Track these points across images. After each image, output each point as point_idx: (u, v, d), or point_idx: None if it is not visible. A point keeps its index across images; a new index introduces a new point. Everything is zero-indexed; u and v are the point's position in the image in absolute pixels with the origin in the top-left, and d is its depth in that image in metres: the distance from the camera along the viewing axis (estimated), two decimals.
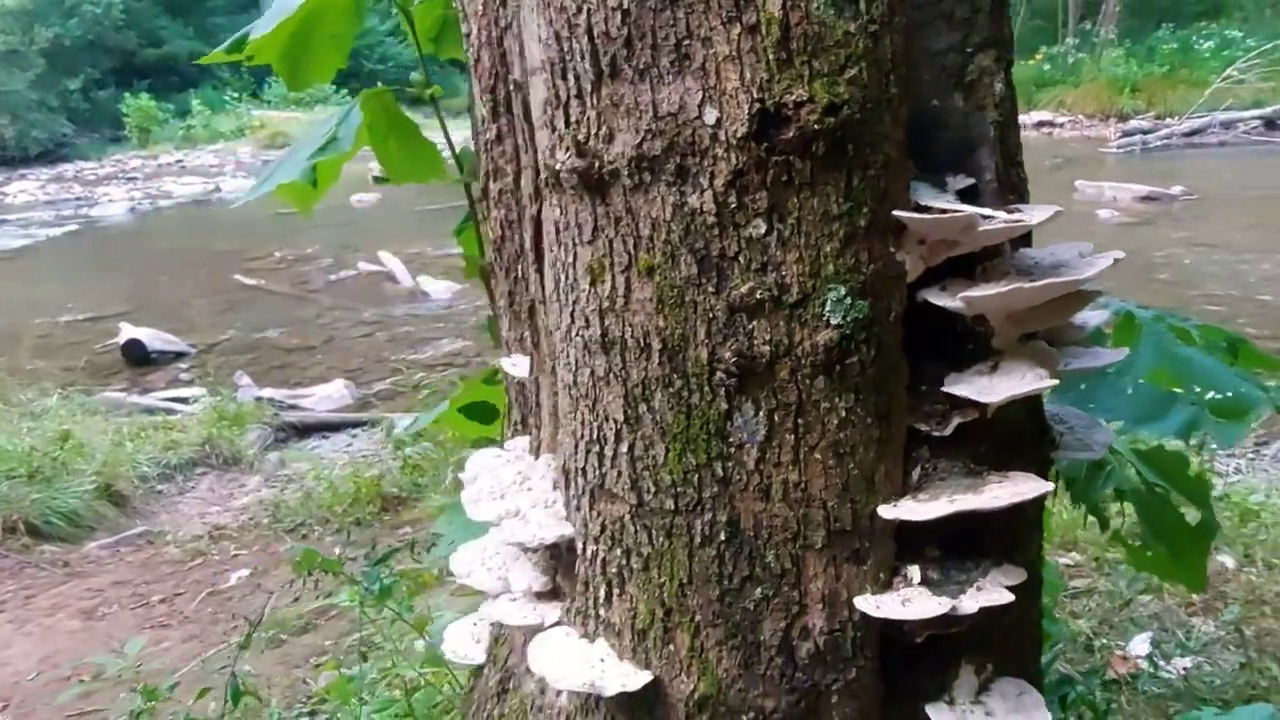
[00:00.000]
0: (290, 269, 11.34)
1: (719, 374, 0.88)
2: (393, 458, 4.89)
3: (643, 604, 0.97)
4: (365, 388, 7.73)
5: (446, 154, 1.98)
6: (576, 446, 1.01)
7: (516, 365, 1.32)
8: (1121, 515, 1.63)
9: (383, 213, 15.19)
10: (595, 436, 0.98)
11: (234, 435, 5.73)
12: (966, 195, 0.93)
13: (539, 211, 1.18)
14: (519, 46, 1.04)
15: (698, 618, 0.94)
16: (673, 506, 0.93)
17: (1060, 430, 1.08)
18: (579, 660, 0.99)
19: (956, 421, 0.92)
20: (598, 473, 0.98)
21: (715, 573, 0.92)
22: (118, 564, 4.20)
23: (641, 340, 0.91)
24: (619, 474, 0.96)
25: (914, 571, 0.92)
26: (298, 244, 12.41)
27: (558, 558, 1.18)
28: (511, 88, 1.14)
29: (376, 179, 2.05)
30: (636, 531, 0.96)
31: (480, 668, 1.44)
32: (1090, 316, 1.03)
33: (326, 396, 7.28)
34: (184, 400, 6.63)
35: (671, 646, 0.96)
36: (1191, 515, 1.53)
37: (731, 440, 0.89)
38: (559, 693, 1.12)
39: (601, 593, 1.00)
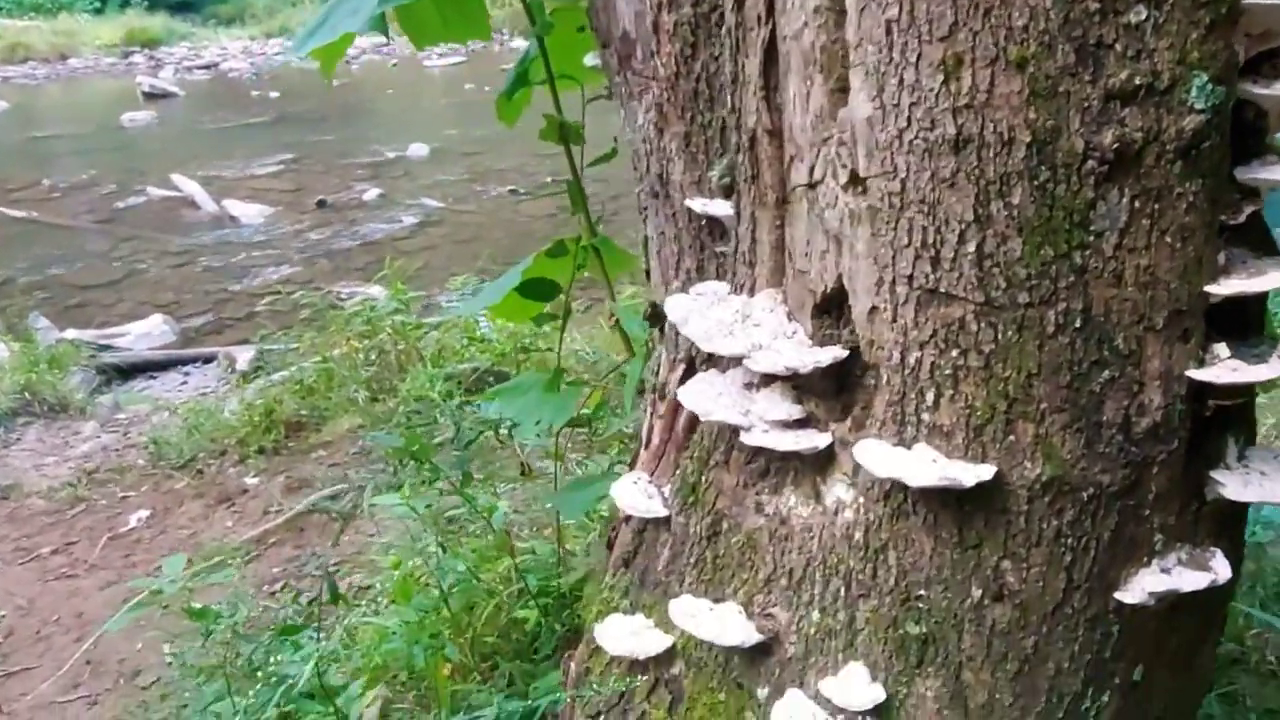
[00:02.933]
0: (66, 198, 10.12)
1: (1090, 162, 0.92)
2: (280, 384, 4.56)
3: (980, 400, 1.00)
4: (186, 322, 7.13)
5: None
6: (895, 256, 1.01)
7: (710, 205, 1.28)
8: None
9: (161, 132, 13.73)
10: (929, 241, 0.99)
11: (55, 380, 5.15)
12: None
13: (771, 34, 1.15)
14: None
15: (1043, 405, 0.98)
16: (1026, 300, 0.96)
17: None
18: (916, 464, 1.02)
19: (1248, 210, 1.01)
20: (930, 277, 0.99)
21: (1066, 360, 0.97)
22: None
23: (1005, 134, 0.93)
24: (959, 275, 0.98)
25: (1221, 348, 1.01)
26: (68, 170, 11.06)
27: (802, 386, 1.19)
28: None
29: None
30: (980, 330, 0.99)
31: (651, 520, 1.42)
32: None
33: (145, 334, 6.69)
34: None
35: (1013, 437, 1.00)
36: None
37: (1094, 228, 0.94)
38: (836, 511, 1.14)
39: (929, 397, 1.03)
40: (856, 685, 1.12)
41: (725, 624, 1.25)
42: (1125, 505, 1.02)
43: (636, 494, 1.45)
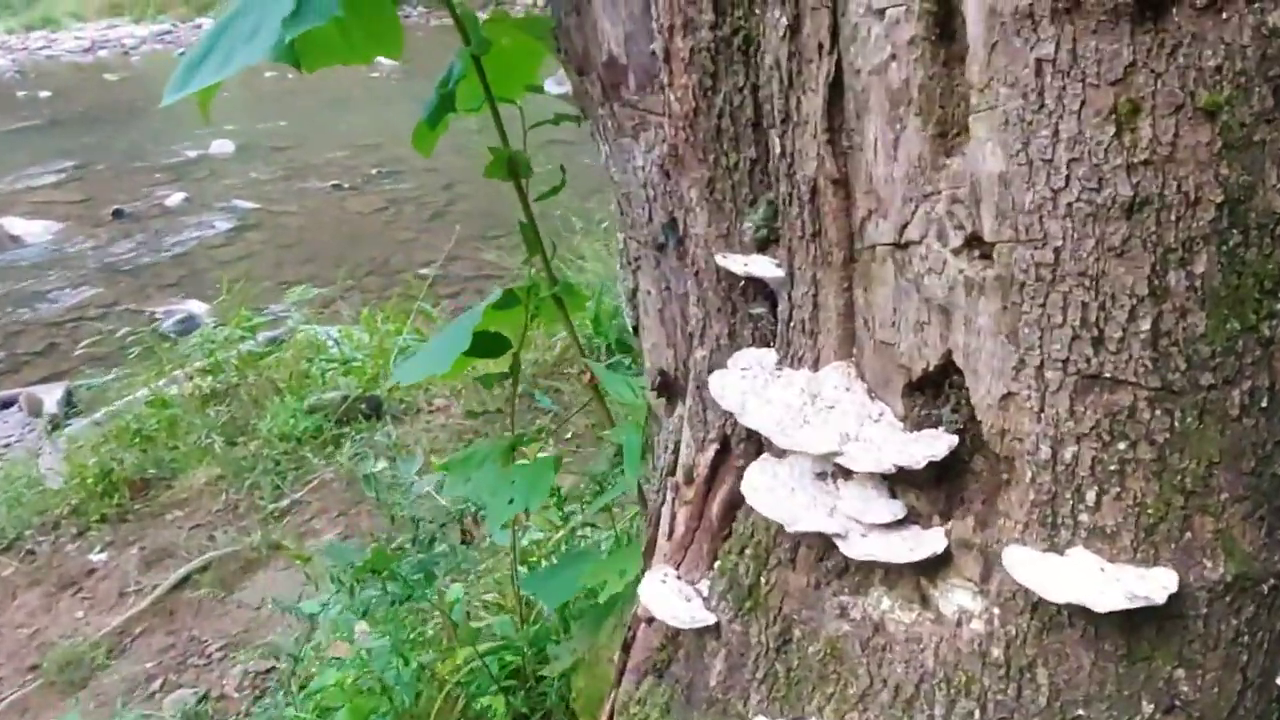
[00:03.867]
0: None
1: None
2: (110, 434, 3.97)
3: (1152, 496, 0.86)
4: None
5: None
6: (1043, 337, 0.85)
7: (753, 264, 1.09)
8: None
9: None
10: (1090, 320, 0.83)
11: None
12: None
13: (836, 68, 0.96)
14: None
15: (1224, 496, 0.86)
16: (1210, 381, 0.83)
17: None
18: (1099, 584, 0.87)
19: None
20: (1092, 361, 0.84)
21: (1250, 443, 0.85)
22: None
23: (1192, 194, 0.78)
24: (1129, 357, 0.83)
25: None
26: None
27: (903, 478, 1.02)
28: None
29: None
30: (1153, 418, 0.84)
31: (699, 631, 1.22)
32: None
33: None
34: None
35: (1189, 534, 0.87)
36: None
37: None
38: (959, 623, 0.98)
39: (1090, 496, 0.88)
40: None
41: None
42: None
43: (672, 598, 1.24)
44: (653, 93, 1.18)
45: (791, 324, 1.10)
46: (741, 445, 1.22)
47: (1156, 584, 0.85)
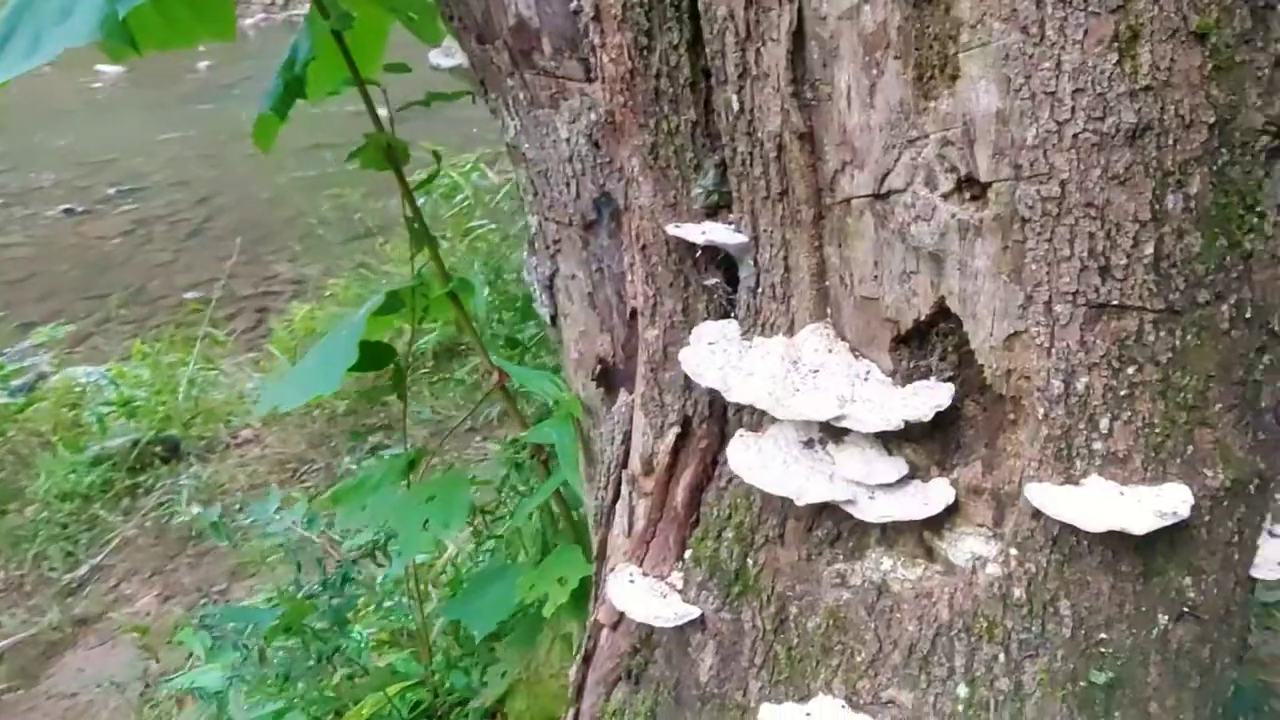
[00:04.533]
0: None
1: (1265, 138, 0.82)
2: None
3: (1159, 416, 0.89)
4: None
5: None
6: (1051, 272, 0.85)
7: (713, 231, 1.03)
8: None
9: None
10: (1097, 250, 0.84)
11: None
12: None
13: (798, 16, 0.91)
14: None
15: (1219, 407, 0.90)
16: (1205, 298, 0.86)
17: None
18: (1101, 502, 0.88)
19: None
20: (1100, 290, 0.85)
21: (1238, 355, 0.89)
22: None
23: (1187, 117, 0.80)
24: (1135, 282, 0.84)
25: None
26: None
27: (898, 434, 1.00)
28: None
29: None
30: (1158, 339, 0.86)
31: (681, 627, 1.15)
32: None
33: None
34: None
35: (1192, 447, 0.90)
36: None
37: (1259, 209, 0.85)
38: (977, 568, 0.97)
39: (1104, 424, 0.89)
40: None
41: None
42: (1271, 486, 0.98)
43: (647, 598, 1.16)
44: (571, 57, 1.08)
45: (760, 290, 1.05)
46: (704, 425, 1.15)
47: (1176, 499, 0.88)
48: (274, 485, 2.85)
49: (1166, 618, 0.95)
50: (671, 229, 1.05)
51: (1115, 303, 0.85)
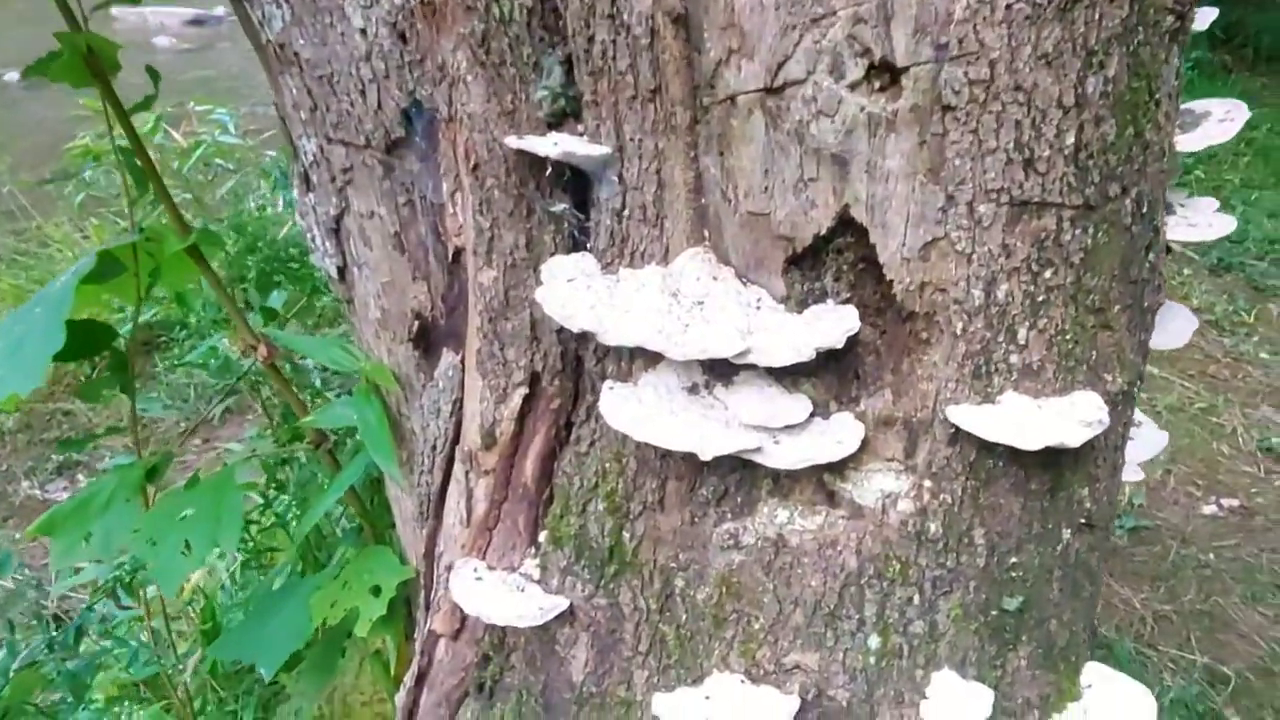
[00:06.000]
0: None
1: (1170, 18, 0.78)
2: None
3: (1070, 321, 0.84)
4: None
5: None
6: (974, 167, 0.76)
7: (567, 143, 0.85)
8: None
9: None
10: (1023, 140, 0.76)
11: None
12: None
13: None
14: None
15: (1117, 308, 0.86)
16: (1117, 191, 0.81)
17: None
18: (1030, 418, 0.81)
19: None
20: (1024, 186, 0.77)
21: (1135, 251, 0.85)
22: None
23: None
24: (1058, 176, 0.78)
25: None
26: None
27: (794, 369, 0.88)
28: None
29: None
30: (1073, 238, 0.80)
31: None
32: None
33: None
34: None
35: (1095, 352, 0.86)
36: None
37: (1158, 95, 0.81)
38: (887, 506, 0.88)
39: (1021, 334, 0.82)
40: (953, 694, 0.92)
41: (745, 702, 0.93)
42: None
43: (502, 596, 0.97)
44: None
45: (626, 212, 0.88)
46: (556, 382, 0.97)
47: (1092, 406, 0.83)
48: None
49: (1069, 531, 0.92)
50: (512, 142, 0.85)
51: (1036, 199, 0.78)
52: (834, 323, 0.83)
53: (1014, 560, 0.90)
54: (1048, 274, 0.81)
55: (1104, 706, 0.98)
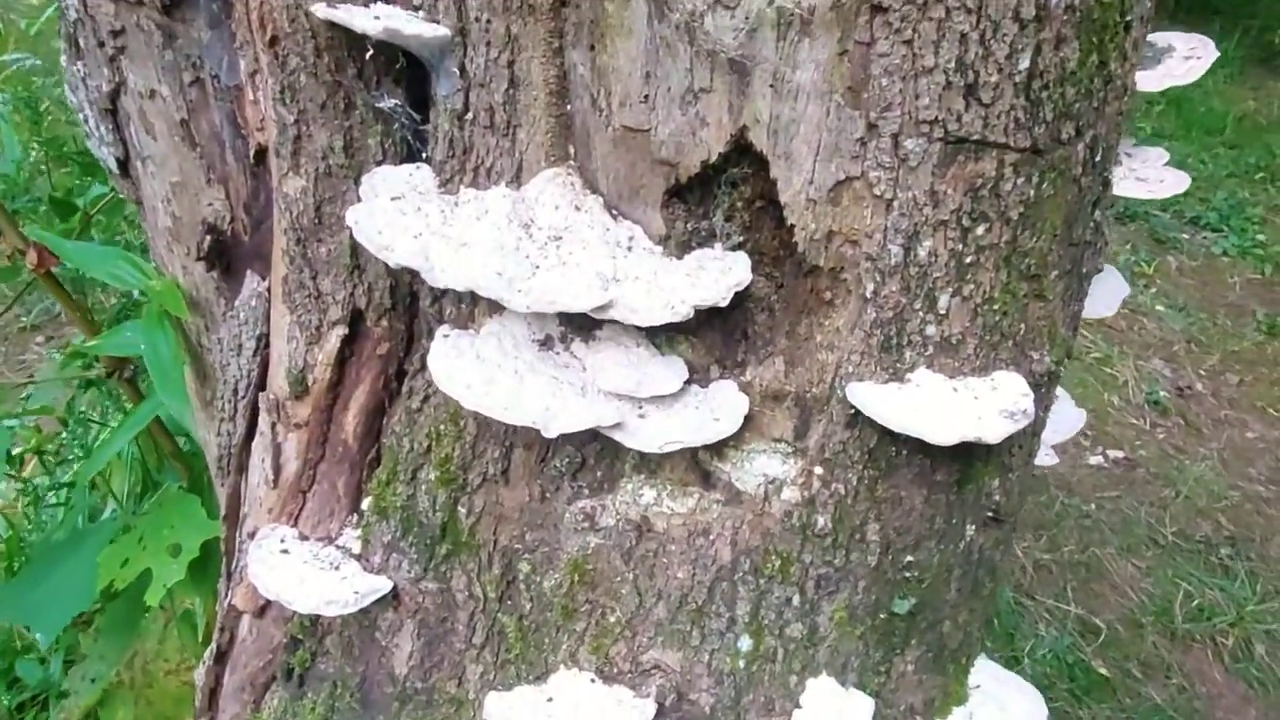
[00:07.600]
0: None
1: None
2: None
3: (999, 288, 0.70)
4: None
5: None
6: (905, 90, 0.61)
7: (389, 18, 0.66)
8: None
9: None
10: (968, 60, 0.60)
11: None
12: None
13: None
14: None
15: (1054, 273, 0.72)
16: (1070, 133, 0.66)
17: None
18: (945, 406, 0.68)
19: None
20: (963, 119, 0.62)
21: (1081, 207, 0.72)
22: None
23: None
24: (1004, 109, 0.62)
25: None
26: None
27: (669, 327, 0.73)
28: None
29: None
30: (1014, 188, 0.66)
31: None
32: None
33: None
34: None
35: (1024, 325, 0.73)
36: None
37: (1129, 18, 0.66)
38: (770, 494, 0.75)
39: (943, 301, 0.68)
40: (829, 703, 0.80)
41: (593, 704, 0.79)
42: None
43: (311, 574, 0.81)
44: None
45: (469, 116, 0.69)
46: (384, 322, 0.79)
47: (1016, 393, 0.70)
48: None
49: (973, 527, 0.80)
50: (320, 11, 0.65)
51: (976, 137, 0.63)
52: (718, 274, 0.67)
53: (910, 559, 0.78)
54: (980, 230, 0.67)
55: (989, 712, 0.88)
